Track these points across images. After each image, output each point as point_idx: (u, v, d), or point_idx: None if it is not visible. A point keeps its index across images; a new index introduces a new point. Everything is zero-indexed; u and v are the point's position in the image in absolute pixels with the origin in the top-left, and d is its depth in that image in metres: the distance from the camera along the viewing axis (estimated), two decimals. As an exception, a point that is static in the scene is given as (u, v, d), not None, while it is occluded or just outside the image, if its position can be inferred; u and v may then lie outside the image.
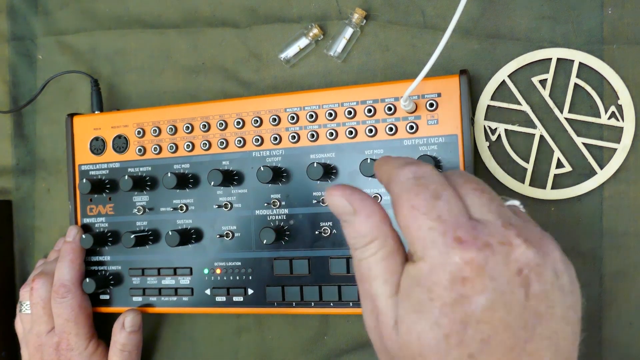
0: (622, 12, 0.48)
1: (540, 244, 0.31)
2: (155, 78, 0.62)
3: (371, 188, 0.51)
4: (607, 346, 0.49)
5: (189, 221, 0.56)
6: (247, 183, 0.54)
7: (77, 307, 0.57)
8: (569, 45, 0.49)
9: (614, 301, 0.49)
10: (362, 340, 0.55)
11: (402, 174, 0.33)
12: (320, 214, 0.52)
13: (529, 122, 0.50)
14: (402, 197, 0.32)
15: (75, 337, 0.57)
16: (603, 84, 0.48)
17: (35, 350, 0.58)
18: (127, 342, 0.57)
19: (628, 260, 0.48)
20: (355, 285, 0.51)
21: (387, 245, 0.33)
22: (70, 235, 0.59)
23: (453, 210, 0.31)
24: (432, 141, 0.49)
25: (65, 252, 0.58)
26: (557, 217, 0.49)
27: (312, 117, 0.52)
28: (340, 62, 0.55)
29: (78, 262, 0.58)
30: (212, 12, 0.60)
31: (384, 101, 0.50)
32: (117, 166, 0.59)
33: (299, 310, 0.53)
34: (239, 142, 0.54)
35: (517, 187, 0.50)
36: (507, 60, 0.50)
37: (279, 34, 0.58)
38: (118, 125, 0.59)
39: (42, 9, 0.67)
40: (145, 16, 0.63)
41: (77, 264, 0.58)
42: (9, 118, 0.69)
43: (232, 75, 0.60)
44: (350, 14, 0.54)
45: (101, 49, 0.65)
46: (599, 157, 0.49)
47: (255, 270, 0.54)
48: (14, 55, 0.69)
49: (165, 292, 0.57)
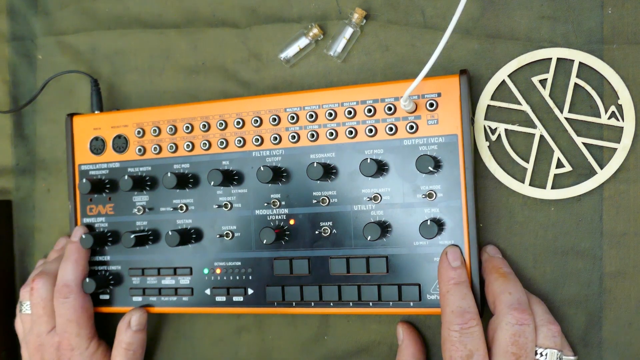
0: (622, 12, 0.48)
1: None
2: (155, 78, 0.62)
3: (371, 188, 0.51)
4: (607, 346, 0.49)
5: (189, 221, 0.56)
6: (247, 183, 0.54)
7: (79, 308, 0.57)
8: (569, 45, 0.49)
9: (614, 301, 0.49)
10: (362, 340, 0.55)
11: (452, 323, 0.44)
12: (320, 214, 0.52)
13: (529, 122, 0.50)
14: (446, 343, 0.45)
15: (76, 338, 0.57)
16: (603, 83, 0.48)
17: (35, 350, 0.58)
18: (132, 341, 0.57)
19: (628, 260, 0.48)
20: (355, 285, 0.51)
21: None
22: (76, 236, 0.59)
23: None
24: (432, 141, 0.49)
25: (69, 252, 0.58)
26: (557, 217, 0.49)
27: (312, 117, 0.52)
28: (340, 62, 0.55)
29: (82, 263, 0.58)
30: (212, 12, 0.60)
31: (384, 101, 0.50)
32: (117, 166, 0.59)
33: (299, 310, 0.53)
34: (239, 142, 0.54)
35: (517, 187, 0.50)
36: (507, 60, 0.50)
37: (279, 34, 0.58)
38: (118, 125, 0.59)
39: (42, 9, 0.67)
40: (145, 16, 0.63)
41: (81, 264, 0.58)
42: (9, 118, 0.69)
43: (232, 75, 0.60)
44: (350, 13, 0.54)
45: (101, 49, 0.65)
46: (599, 157, 0.49)
47: (255, 270, 0.54)
48: (14, 55, 0.69)
49: (165, 292, 0.57)
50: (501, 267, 0.48)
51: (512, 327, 0.44)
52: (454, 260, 0.47)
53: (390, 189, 0.50)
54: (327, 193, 0.52)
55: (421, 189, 0.49)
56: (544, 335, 0.45)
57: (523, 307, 0.45)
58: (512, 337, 0.44)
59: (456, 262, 0.47)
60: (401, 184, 0.50)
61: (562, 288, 0.49)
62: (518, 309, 0.44)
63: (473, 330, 0.44)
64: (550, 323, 0.46)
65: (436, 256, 0.49)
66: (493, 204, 0.51)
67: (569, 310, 0.49)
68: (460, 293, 0.46)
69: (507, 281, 0.47)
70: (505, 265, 0.49)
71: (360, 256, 0.51)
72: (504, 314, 0.45)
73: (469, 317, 0.44)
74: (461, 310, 0.45)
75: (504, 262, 0.49)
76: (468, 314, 0.44)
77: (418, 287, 0.49)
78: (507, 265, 0.49)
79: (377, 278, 0.51)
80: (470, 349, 0.44)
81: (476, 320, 0.44)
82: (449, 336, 0.44)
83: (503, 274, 0.47)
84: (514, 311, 0.44)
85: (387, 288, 0.50)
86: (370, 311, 0.51)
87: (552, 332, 0.45)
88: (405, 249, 0.50)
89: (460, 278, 0.47)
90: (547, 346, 0.44)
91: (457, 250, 0.48)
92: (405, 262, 0.50)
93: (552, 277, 0.50)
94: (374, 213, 0.51)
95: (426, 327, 0.53)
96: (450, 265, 0.47)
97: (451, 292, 0.46)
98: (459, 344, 0.44)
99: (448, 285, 0.46)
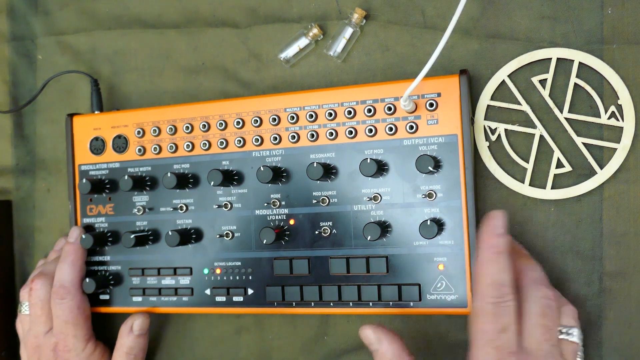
0: (622, 12, 0.48)
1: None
2: (155, 78, 0.62)
3: (371, 188, 0.51)
4: (607, 346, 0.49)
5: (189, 221, 0.56)
6: (247, 183, 0.54)
7: (75, 309, 0.57)
8: (569, 45, 0.49)
9: (614, 301, 0.49)
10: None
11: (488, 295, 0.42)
12: (320, 213, 0.52)
13: (529, 122, 0.50)
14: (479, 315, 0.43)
15: (73, 339, 0.57)
16: (603, 83, 0.48)
17: (33, 350, 0.58)
18: (134, 345, 0.57)
19: (628, 260, 0.48)
20: (355, 285, 0.51)
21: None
22: (72, 236, 0.58)
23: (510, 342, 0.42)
24: (432, 141, 0.49)
25: (66, 253, 0.58)
26: (557, 217, 0.49)
27: (312, 117, 0.52)
28: (340, 62, 0.55)
29: (79, 264, 0.58)
30: (212, 12, 0.60)
31: (383, 101, 0.50)
32: (117, 166, 0.59)
33: (299, 310, 0.53)
34: (239, 142, 0.54)
35: (517, 187, 0.50)
36: (507, 60, 0.50)
37: (279, 34, 0.58)
38: (118, 125, 0.59)
39: (42, 9, 0.67)
40: (145, 16, 0.63)
41: (78, 265, 0.58)
42: (9, 118, 0.69)
43: (232, 75, 0.60)
44: (350, 13, 0.54)
45: (101, 49, 0.65)
46: (599, 157, 0.49)
47: (255, 270, 0.54)
48: (14, 55, 0.69)
49: (165, 292, 0.57)
50: (521, 250, 0.49)
51: (540, 300, 0.44)
52: (499, 227, 0.44)
53: (390, 189, 0.50)
54: (327, 193, 0.52)
55: (421, 189, 0.49)
56: (567, 315, 0.45)
57: (548, 283, 0.45)
58: (542, 309, 0.43)
59: (501, 230, 0.43)
60: (401, 184, 0.50)
61: (562, 288, 0.49)
62: (545, 284, 0.45)
63: (509, 304, 0.42)
64: (568, 303, 0.46)
65: (436, 256, 0.49)
66: (493, 204, 0.51)
67: (569, 310, 0.49)
68: (500, 264, 0.43)
69: (529, 260, 0.47)
70: (522, 248, 0.50)
71: (360, 256, 0.51)
72: (531, 289, 0.44)
73: (505, 291, 0.42)
74: (499, 282, 0.42)
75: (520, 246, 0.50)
76: (505, 287, 0.42)
77: (418, 287, 0.49)
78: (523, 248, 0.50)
79: (377, 278, 0.51)
80: (504, 322, 0.42)
81: (512, 295, 0.43)
82: (482, 309, 0.42)
83: (524, 255, 0.48)
84: (542, 286, 0.44)
85: (387, 288, 0.50)
86: (370, 311, 0.51)
87: (572, 313, 0.46)
88: (405, 249, 0.50)
89: (504, 247, 0.43)
90: (572, 325, 0.45)
91: (503, 217, 0.44)
92: (405, 262, 0.50)
93: (552, 277, 0.49)
94: (374, 213, 0.51)
95: (426, 327, 0.53)
96: (495, 232, 0.43)
97: (491, 262, 0.43)
98: (493, 316, 0.42)
99: (489, 253, 0.43)
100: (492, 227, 0.44)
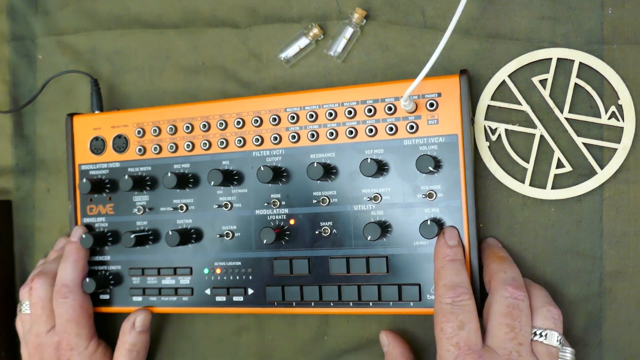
0: (622, 12, 0.48)
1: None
2: (155, 78, 0.63)
3: (371, 188, 0.51)
4: (607, 346, 0.49)
5: (189, 221, 0.56)
6: (247, 183, 0.54)
7: (78, 308, 0.57)
8: (569, 45, 0.49)
9: (614, 301, 0.49)
10: (362, 340, 0.55)
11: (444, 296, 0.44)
12: (320, 213, 0.52)
13: (529, 122, 0.50)
14: (438, 316, 0.44)
15: (75, 337, 0.57)
16: (603, 84, 0.48)
17: (34, 349, 0.58)
18: (136, 341, 0.57)
19: (628, 260, 0.48)
20: (355, 285, 0.51)
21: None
22: (75, 236, 0.58)
23: (470, 340, 0.43)
24: (432, 141, 0.49)
25: (69, 252, 0.58)
26: (557, 217, 0.49)
27: (312, 117, 0.52)
28: (340, 62, 0.55)
29: (81, 263, 0.58)
30: (212, 12, 0.60)
31: (384, 101, 0.50)
32: (117, 166, 0.59)
33: (298, 310, 0.53)
34: (239, 142, 0.54)
35: (517, 187, 0.50)
36: (507, 60, 0.50)
37: (279, 34, 0.58)
38: (118, 125, 0.59)
39: (42, 9, 0.67)
40: (145, 16, 0.63)
41: (81, 264, 0.58)
42: (9, 118, 0.69)
43: (232, 75, 0.60)
44: (350, 13, 0.54)
45: (101, 49, 0.65)
46: (599, 157, 0.49)
47: (255, 270, 0.54)
48: (14, 55, 0.69)
49: (165, 292, 0.57)
50: (499, 252, 0.49)
51: (506, 300, 0.44)
52: (451, 239, 0.47)
53: (390, 189, 0.50)
54: (327, 193, 0.52)
55: (421, 189, 0.49)
56: (543, 316, 0.45)
57: (517, 283, 0.45)
58: (506, 309, 0.44)
59: (453, 241, 0.47)
60: (401, 184, 0.50)
61: (562, 288, 0.49)
62: (512, 285, 0.45)
63: (465, 303, 0.44)
64: (549, 305, 0.45)
65: (436, 256, 0.49)
66: (493, 204, 0.51)
67: (569, 310, 0.49)
68: (454, 269, 0.45)
69: (503, 262, 0.47)
70: (503, 251, 0.49)
71: (360, 256, 0.51)
72: (498, 289, 0.45)
73: (461, 291, 0.44)
74: (454, 284, 0.45)
75: (502, 249, 0.50)
76: (460, 288, 0.44)
77: (418, 287, 0.49)
78: (504, 251, 0.49)
79: (377, 278, 0.51)
80: (461, 319, 0.43)
81: (469, 295, 0.44)
82: (440, 309, 0.44)
83: (500, 257, 0.48)
84: (509, 286, 0.45)
85: (387, 288, 0.50)
86: (370, 311, 0.51)
87: (551, 314, 0.45)
88: (405, 249, 0.50)
89: (456, 256, 0.46)
90: (547, 327, 0.44)
91: (455, 230, 0.48)
92: (405, 262, 0.50)
93: (552, 277, 0.50)
94: (374, 213, 0.51)
95: (426, 327, 0.53)
96: (447, 244, 0.47)
97: (445, 268, 0.46)
98: (450, 314, 0.44)
99: (443, 262, 0.46)
100: (444, 239, 0.47)
